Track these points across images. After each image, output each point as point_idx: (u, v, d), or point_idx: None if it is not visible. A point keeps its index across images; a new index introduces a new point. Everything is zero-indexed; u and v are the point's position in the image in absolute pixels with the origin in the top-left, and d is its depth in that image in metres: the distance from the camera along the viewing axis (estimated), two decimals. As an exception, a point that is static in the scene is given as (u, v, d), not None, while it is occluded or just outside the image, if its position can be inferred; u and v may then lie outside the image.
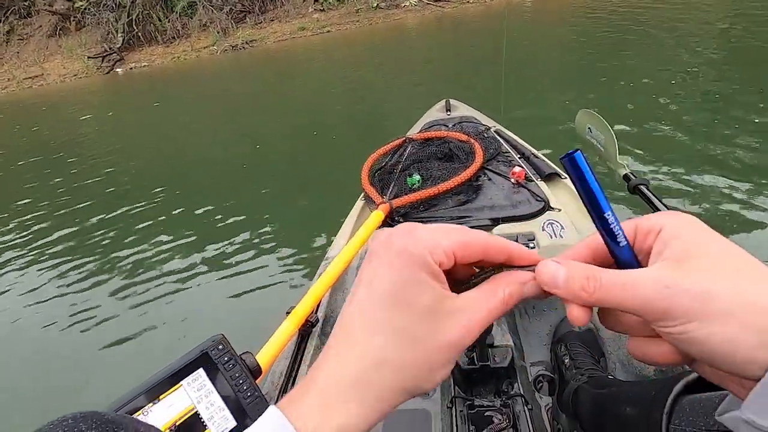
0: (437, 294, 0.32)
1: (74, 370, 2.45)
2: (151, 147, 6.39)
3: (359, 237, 1.24)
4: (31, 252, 3.87)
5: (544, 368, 1.31)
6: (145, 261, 3.34)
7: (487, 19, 10.59)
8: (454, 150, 1.70)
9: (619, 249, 0.32)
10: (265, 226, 3.48)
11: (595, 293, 0.30)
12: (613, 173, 1.34)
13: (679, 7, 7.70)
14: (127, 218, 4.13)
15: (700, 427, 0.79)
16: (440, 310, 0.31)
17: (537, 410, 1.22)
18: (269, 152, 5.21)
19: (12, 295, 3.30)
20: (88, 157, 6.22)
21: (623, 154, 1.56)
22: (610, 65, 5.67)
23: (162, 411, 0.84)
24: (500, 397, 1.08)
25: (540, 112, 4.52)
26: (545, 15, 9.95)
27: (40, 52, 14.23)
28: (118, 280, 3.18)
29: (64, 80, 13.45)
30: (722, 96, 4.10)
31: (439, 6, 12.63)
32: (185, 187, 4.70)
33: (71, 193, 5.06)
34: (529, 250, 0.37)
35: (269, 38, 13.05)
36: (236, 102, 7.97)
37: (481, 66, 6.70)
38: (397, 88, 6.77)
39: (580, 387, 1.15)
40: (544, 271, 0.32)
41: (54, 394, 2.30)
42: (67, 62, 13.91)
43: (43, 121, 9.33)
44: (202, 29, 13.77)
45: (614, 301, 0.30)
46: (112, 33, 13.83)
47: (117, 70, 13.44)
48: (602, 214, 0.31)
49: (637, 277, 0.30)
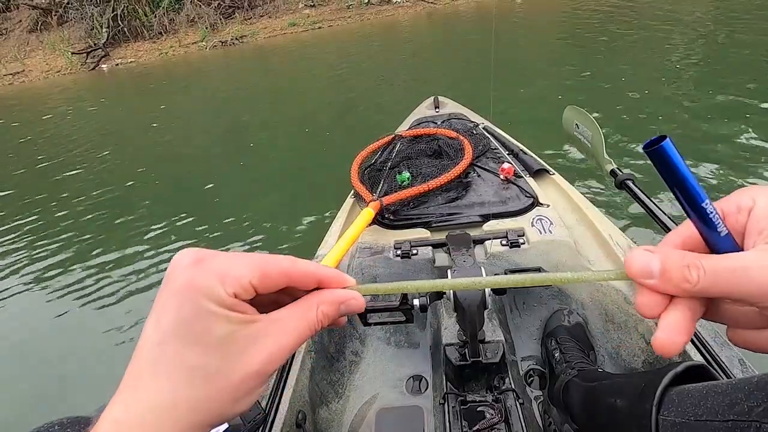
0: (232, 323, 0.29)
1: (61, 375, 2.43)
2: (138, 145, 6.32)
3: (349, 236, 1.24)
4: (19, 253, 3.82)
5: (534, 363, 1.32)
6: (132, 263, 3.31)
7: (478, 16, 10.61)
8: (443, 147, 1.71)
9: (719, 239, 0.29)
10: (255, 224, 3.48)
11: (699, 282, 0.27)
12: (601, 168, 1.36)
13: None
14: (115, 218, 4.09)
15: (689, 418, 0.80)
16: (238, 340, 0.29)
17: (528, 404, 1.23)
18: (264, 150, 5.18)
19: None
20: (71, 155, 6.14)
21: (610, 149, 1.57)
22: (603, 61, 5.71)
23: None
24: (492, 392, 1.09)
25: (530, 108, 4.55)
26: (536, 12, 9.98)
27: (21, 48, 13.99)
28: (107, 281, 3.15)
29: (47, 77, 13.24)
30: (713, 92, 4.14)
31: (430, 2, 12.62)
32: (175, 186, 4.67)
33: (52, 194, 4.99)
34: (342, 273, 0.35)
35: (259, 34, 12.96)
36: (227, 99, 7.91)
37: (471, 63, 6.71)
38: (387, 85, 6.77)
39: (571, 380, 1.17)
40: (636, 261, 0.29)
41: (40, 400, 2.28)
42: (50, 58, 13.70)
43: (23, 118, 9.19)
44: (190, 25, 13.63)
45: (724, 290, 0.27)
46: (96, 28, 13.64)
47: (102, 66, 13.26)
48: (700, 204, 0.28)
49: (747, 261, 0.26)
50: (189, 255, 0.31)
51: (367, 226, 1.37)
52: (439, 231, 1.43)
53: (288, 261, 0.33)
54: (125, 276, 3.14)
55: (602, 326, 1.27)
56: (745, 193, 0.30)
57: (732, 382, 0.79)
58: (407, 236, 1.39)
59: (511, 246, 1.29)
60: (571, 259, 1.28)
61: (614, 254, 1.26)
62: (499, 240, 1.31)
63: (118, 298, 2.92)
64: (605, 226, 1.35)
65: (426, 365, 1.32)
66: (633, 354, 1.19)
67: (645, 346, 1.16)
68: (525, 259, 1.29)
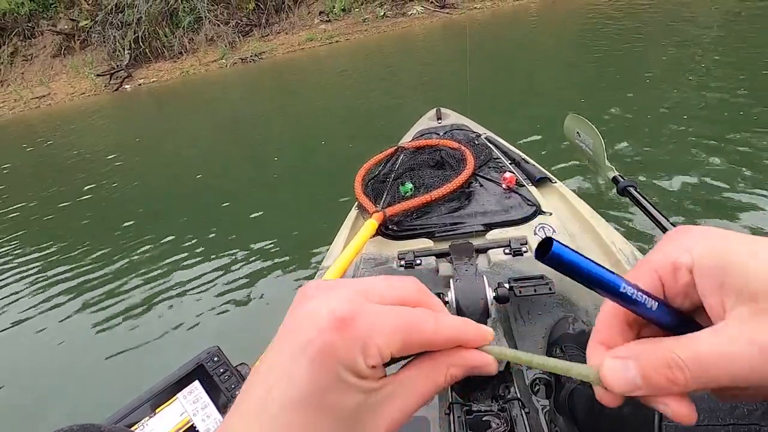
0: (364, 393, 0.27)
1: (70, 382, 2.48)
2: (158, 162, 6.47)
3: (353, 247, 1.26)
4: (25, 267, 3.94)
5: (540, 371, 1.32)
6: (142, 274, 3.38)
7: (494, 25, 10.60)
8: (445, 158, 1.72)
9: (656, 312, 0.28)
10: (262, 237, 3.50)
11: (688, 382, 0.25)
12: (603, 176, 1.36)
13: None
14: (127, 232, 4.18)
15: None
16: (367, 408, 0.27)
17: (534, 413, 1.23)
18: (286, 163, 5.24)
19: (8, 308, 3.36)
20: (94, 174, 6.30)
21: (612, 157, 1.57)
22: (616, 70, 5.65)
23: (159, 424, 0.87)
24: (497, 402, 1.09)
25: (539, 115, 4.53)
26: (550, 20, 9.95)
27: (45, 72, 14.44)
28: (114, 292, 3.22)
29: (72, 99, 13.64)
30: (720, 103, 4.07)
31: (446, 13, 12.67)
32: (191, 200, 4.75)
33: (73, 209, 5.15)
34: (480, 328, 0.31)
35: (278, 50, 13.16)
36: (247, 114, 8.04)
37: (482, 73, 6.71)
38: (401, 96, 6.81)
39: (576, 388, 1.16)
40: (612, 377, 0.26)
41: (49, 408, 2.34)
42: (74, 81, 14.12)
43: (50, 139, 9.47)
44: (209, 44, 13.93)
45: (713, 382, 0.24)
46: (118, 50, 14.04)
47: (125, 86, 13.61)
48: (618, 291, 0.27)
49: (727, 345, 0.24)
50: (328, 312, 0.27)
51: (371, 237, 1.39)
52: (442, 241, 1.44)
53: (432, 325, 0.29)
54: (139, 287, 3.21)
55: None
56: (676, 245, 0.28)
57: None
58: (411, 247, 1.40)
59: (513, 254, 1.30)
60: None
61: (618, 262, 1.25)
62: (501, 249, 1.32)
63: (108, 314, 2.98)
64: (608, 233, 1.34)
65: None
66: (638, 361, 1.18)
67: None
68: (528, 268, 1.29)
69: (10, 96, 14.11)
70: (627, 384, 0.26)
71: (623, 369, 0.26)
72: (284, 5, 13.80)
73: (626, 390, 0.26)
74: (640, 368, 0.25)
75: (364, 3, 13.39)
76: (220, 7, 13.93)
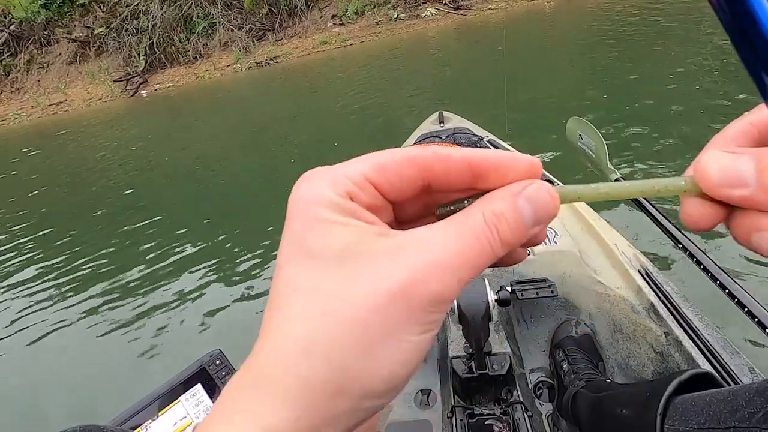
0: (354, 234, 0.21)
1: (72, 384, 2.52)
2: (174, 166, 6.55)
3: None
4: (30, 269, 4.01)
5: (543, 374, 1.32)
6: (145, 276, 3.42)
7: (509, 26, 10.53)
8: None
9: None
10: (270, 238, 3.53)
11: None
12: (605, 178, 1.35)
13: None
14: (131, 235, 4.25)
15: (692, 426, 0.80)
16: (363, 254, 0.21)
17: (537, 417, 1.23)
18: (303, 165, 5.26)
19: (10, 312, 3.42)
20: (109, 178, 6.42)
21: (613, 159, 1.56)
22: (631, 70, 5.60)
23: (161, 427, 0.89)
24: (500, 405, 1.09)
25: (549, 118, 4.51)
26: (565, 19, 9.89)
27: (62, 79, 14.71)
28: (117, 295, 3.26)
29: (89, 105, 13.88)
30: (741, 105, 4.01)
31: (460, 14, 12.63)
32: (204, 203, 4.80)
33: (83, 211, 5.24)
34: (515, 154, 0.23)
35: (292, 54, 13.25)
36: (264, 116, 8.11)
37: (496, 75, 6.68)
38: (413, 98, 6.81)
39: (578, 392, 1.16)
40: (714, 166, 0.20)
41: (52, 410, 2.38)
42: (91, 87, 14.37)
43: (67, 145, 9.65)
44: (223, 48, 14.09)
45: None
46: (134, 56, 14.26)
47: (142, 92, 13.82)
48: None
49: None
50: (302, 176, 0.24)
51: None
52: None
53: (432, 147, 0.23)
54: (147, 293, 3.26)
55: (610, 336, 1.26)
56: None
57: (734, 389, 0.78)
58: None
59: None
60: (577, 269, 1.27)
61: (620, 264, 1.25)
62: None
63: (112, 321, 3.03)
64: (611, 236, 1.34)
65: (434, 378, 1.33)
66: (642, 364, 1.18)
67: (654, 355, 1.14)
68: (530, 270, 1.29)
69: (27, 103, 14.41)
70: (734, 177, 0.20)
71: (733, 160, 0.20)
72: (297, 9, 13.90)
73: (730, 183, 0.20)
74: (758, 160, 0.19)
75: (377, 6, 13.42)
76: (233, 12, 14.08)
